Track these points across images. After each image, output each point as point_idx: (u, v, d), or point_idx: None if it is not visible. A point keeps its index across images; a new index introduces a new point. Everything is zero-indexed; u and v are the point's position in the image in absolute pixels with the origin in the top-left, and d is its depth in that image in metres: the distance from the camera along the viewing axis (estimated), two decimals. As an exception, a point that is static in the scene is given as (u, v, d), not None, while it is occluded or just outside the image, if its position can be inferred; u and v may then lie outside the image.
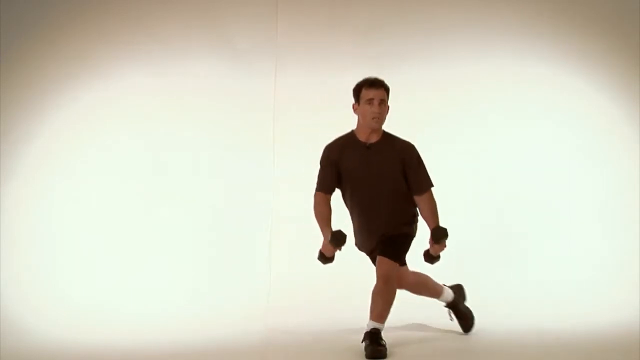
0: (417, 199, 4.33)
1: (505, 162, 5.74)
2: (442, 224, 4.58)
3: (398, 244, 4.33)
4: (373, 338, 4.18)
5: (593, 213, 5.67)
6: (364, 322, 4.27)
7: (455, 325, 4.66)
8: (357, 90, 4.31)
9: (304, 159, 5.69)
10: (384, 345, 4.18)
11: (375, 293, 4.25)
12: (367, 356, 4.15)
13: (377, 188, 4.28)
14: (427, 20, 5.76)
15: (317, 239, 4.40)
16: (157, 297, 5.23)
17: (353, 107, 4.34)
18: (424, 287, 4.56)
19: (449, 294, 4.65)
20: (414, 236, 4.40)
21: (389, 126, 4.41)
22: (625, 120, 5.69)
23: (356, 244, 4.48)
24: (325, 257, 4.33)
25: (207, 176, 5.71)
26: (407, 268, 4.49)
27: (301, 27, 5.79)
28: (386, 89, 4.31)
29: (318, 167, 4.42)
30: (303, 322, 4.85)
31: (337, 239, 4.22)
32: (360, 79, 4.36)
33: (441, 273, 5.42)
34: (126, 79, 5.66)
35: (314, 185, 4.43)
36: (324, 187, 4.35)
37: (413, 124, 5.63)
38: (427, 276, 4.59)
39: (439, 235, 4.27)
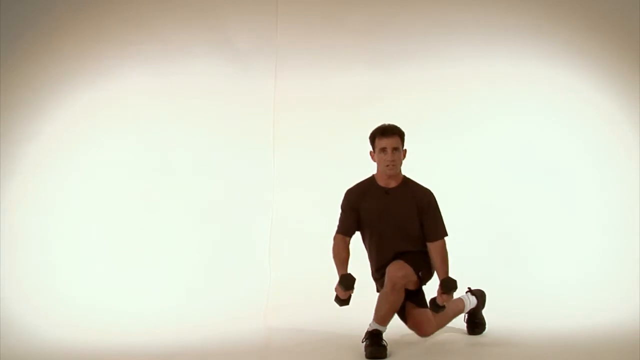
0: (430, 245, 4.38)
1: (504, 161, 5.74)
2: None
3: (414, 253, 4.37)
4: (374, 338, 4.18)
5: (593, 213, 5.66)
6: (364, 322, 4.27)
7: (455, 325, 4.66)
8: (372, 139, 4.39)
9: (304, 158, 5.72)
10: (385, 346, 4.18)
11: (382, 296, 4.28)
12: (367, 356, 4.15)
13: (394, 232, 4.35)
14: (426, 20, 5.76)
15: (317, 239, 4.40)
16: (157, 297, 5.23)
17: (370, 154, 4.41)
18: (448, 316, 4.51)
19: (472, 302, 4.63)
20: (429, 262, 4.39)
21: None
22: (626, 120, 5.68)
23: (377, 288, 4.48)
24: (341, 300, 4.28)
25: (207, 176, 5.70)
26: (427, 312, 4.40)
27: (301, 27, 5.79)
28: (400, 135, 4.37)
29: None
30: (303, 321, 4.85)
31: (345, 283, 4.21)
32: (360, 78, 4.37)
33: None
34: (126, 79, 5.66)
35: (314, 185, 4.44)
36: (343, 230, 4.40)
37: (413, 124, 5.63)
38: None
39: (449, 287, 4.25)
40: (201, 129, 5.72)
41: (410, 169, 4.46)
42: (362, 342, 4.22)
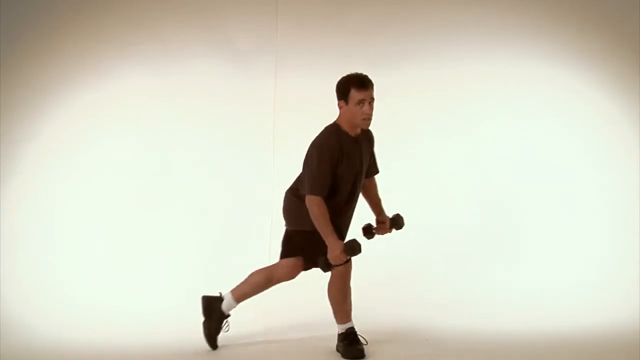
0: (369, 181, 4.38)
1: (505, 161, 5.74)
2: (442, 224, 4.59)
3: None
4: (355, 338, 4.23)
5: (593, 213, 5.67)
6: (364, 322, 4.27)
7: (454, 325, 4.67)
8: (345, 90, 4.13)
9: (303, 159, 5.70)
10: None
11: (343, 294, 4.23)
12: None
13: (358, 178, 4.24)
14: (426, 20, 5.76)
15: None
16: (157, 297, 5.23)
17: (339, 105, 4.19)
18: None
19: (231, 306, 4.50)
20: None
21: (387, 127, 4.41)
22: (625, 120, 5.69)
23: None
24: (333, 265, 4.09)
25: (207, 176, 5.71)
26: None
27: (301, 27, 5.79)
28: (373, 86, 4.17)
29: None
30: (302, 322, 4.85)
31: (352, 249, 4.00)
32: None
33: (441, 272, 5.44)
34: (126, 79, 5.67)
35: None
36: (325, 191, 4.11)
37: (413, 124, 5.65)
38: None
39: (400, 224, 4.32)
40: (201, 129, 5.72)
41: (410, 168, 4.46)
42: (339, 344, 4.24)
